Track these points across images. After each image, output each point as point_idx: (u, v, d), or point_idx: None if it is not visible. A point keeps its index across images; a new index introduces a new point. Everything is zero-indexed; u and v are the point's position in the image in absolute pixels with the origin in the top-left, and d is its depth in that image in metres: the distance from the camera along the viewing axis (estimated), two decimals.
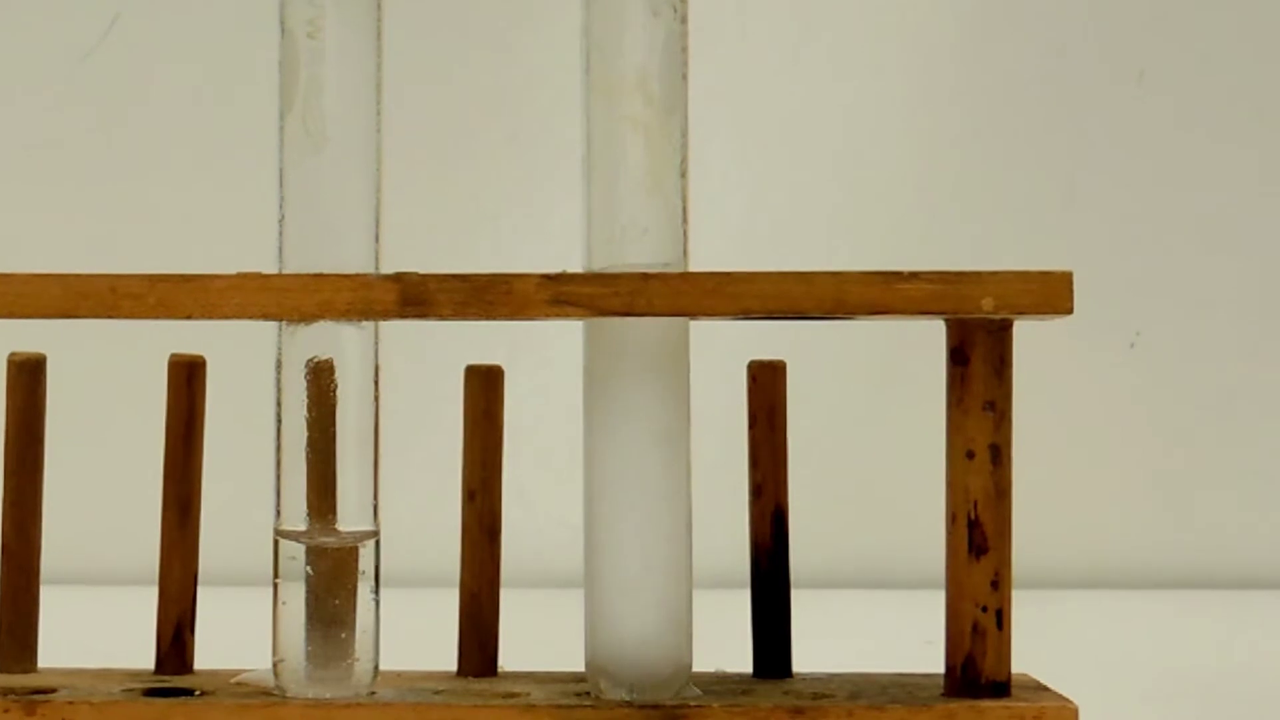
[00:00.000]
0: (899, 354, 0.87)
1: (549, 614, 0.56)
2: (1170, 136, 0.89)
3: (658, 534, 0.38)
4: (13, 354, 0.42)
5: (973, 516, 0.38)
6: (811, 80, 0.90)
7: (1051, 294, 0.37)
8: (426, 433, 0.81)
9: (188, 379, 0.42)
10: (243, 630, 0.48)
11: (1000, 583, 0.38)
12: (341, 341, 0.39)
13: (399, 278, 0.38)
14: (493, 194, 0.90)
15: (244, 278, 0.38)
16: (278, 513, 0.39)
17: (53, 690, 0.39)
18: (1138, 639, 0.70)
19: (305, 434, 0.39)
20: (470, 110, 0.90)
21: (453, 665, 0.41)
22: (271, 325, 0.39)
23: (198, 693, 0.39)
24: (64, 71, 0.90)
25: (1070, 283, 0.37)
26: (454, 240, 0.89)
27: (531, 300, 0.37)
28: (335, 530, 0.39)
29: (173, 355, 0.42)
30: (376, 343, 0.40)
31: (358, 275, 0.38)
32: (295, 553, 0.39)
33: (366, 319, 0.38)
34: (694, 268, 0.39)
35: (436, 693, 0.39)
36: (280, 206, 0.39)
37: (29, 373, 0.42)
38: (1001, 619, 0.38)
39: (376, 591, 0.39)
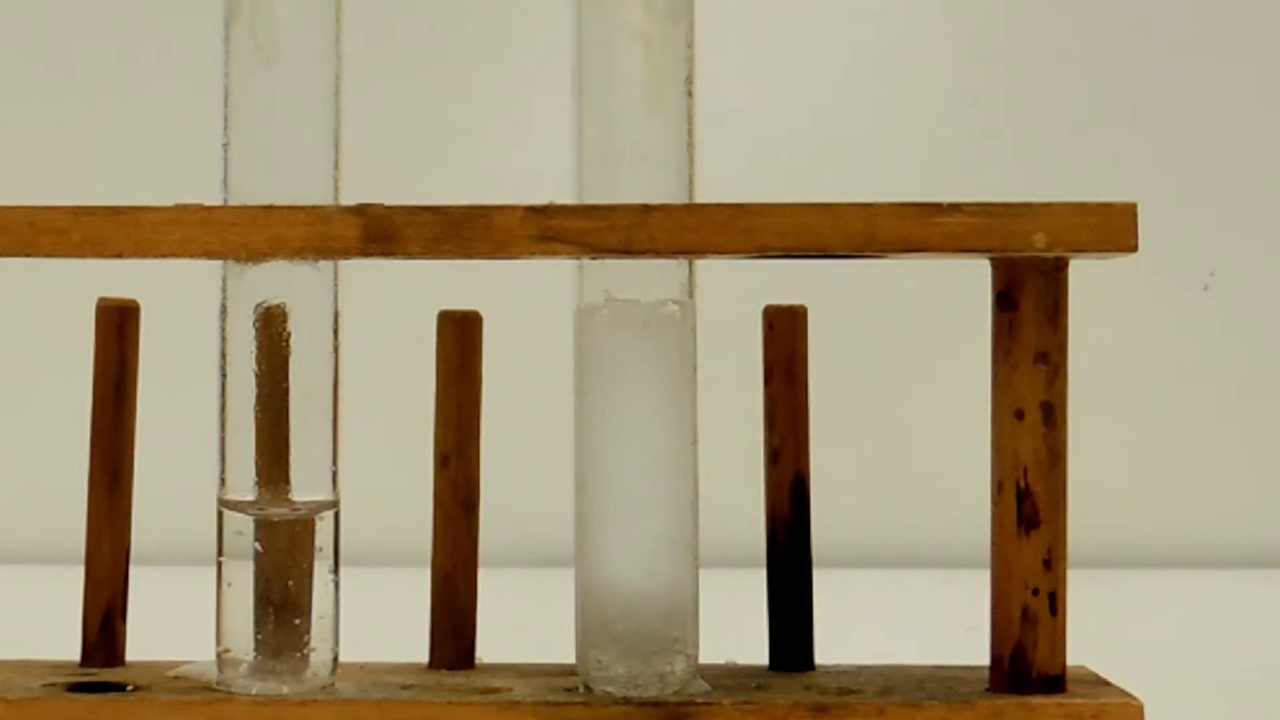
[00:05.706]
0: (937, 299, 0.87)
1: (534, 597, 0.56)
2: (1248, 47, 0.89)
3: (659, 506, 0.38)
4: None
5: (1022, 485, 0.38)
6: None
7: (1113, 229, 0.37)
8: (393, 388, 0.81)
9: (118, 327, 0.42)
10: (182, 616, 0.48)
11: (1054, 561, 0.38)
12: (295, 284, 0.39)
13: (362, 210, 0.38)
14: (469, 113, 0.90)
15: (183, 210, 0.38)
16: (222, 480, 0.39)
17: None
18: (1211, 625, 0.70)
19: (254, 390, 0.39)
20: (442, 16, 0.90)
21: (424, 656, 0.42)
22: (215, 265, 0.39)
23: (130, 688, 0.39)
24: None
25: (1134, 216, 0.37)
26: (424, 167, 0.89)
27: (514, 236, 0.37)
28: (288, 500, 0.39)
29: (101, 299, 0.42)
30: (336, 285, 0.40)
31: (314, 208, 0.38)
32: (242, 526, 0.39)
33: (324, 258, 0.38)
34: (701, 199, 0.39)
35: (405, 688, 0.39)
36: (225, 130, 0.39)
37: None
38: (1055, 603, 0.38)
39: (336, 571, 0.39)
